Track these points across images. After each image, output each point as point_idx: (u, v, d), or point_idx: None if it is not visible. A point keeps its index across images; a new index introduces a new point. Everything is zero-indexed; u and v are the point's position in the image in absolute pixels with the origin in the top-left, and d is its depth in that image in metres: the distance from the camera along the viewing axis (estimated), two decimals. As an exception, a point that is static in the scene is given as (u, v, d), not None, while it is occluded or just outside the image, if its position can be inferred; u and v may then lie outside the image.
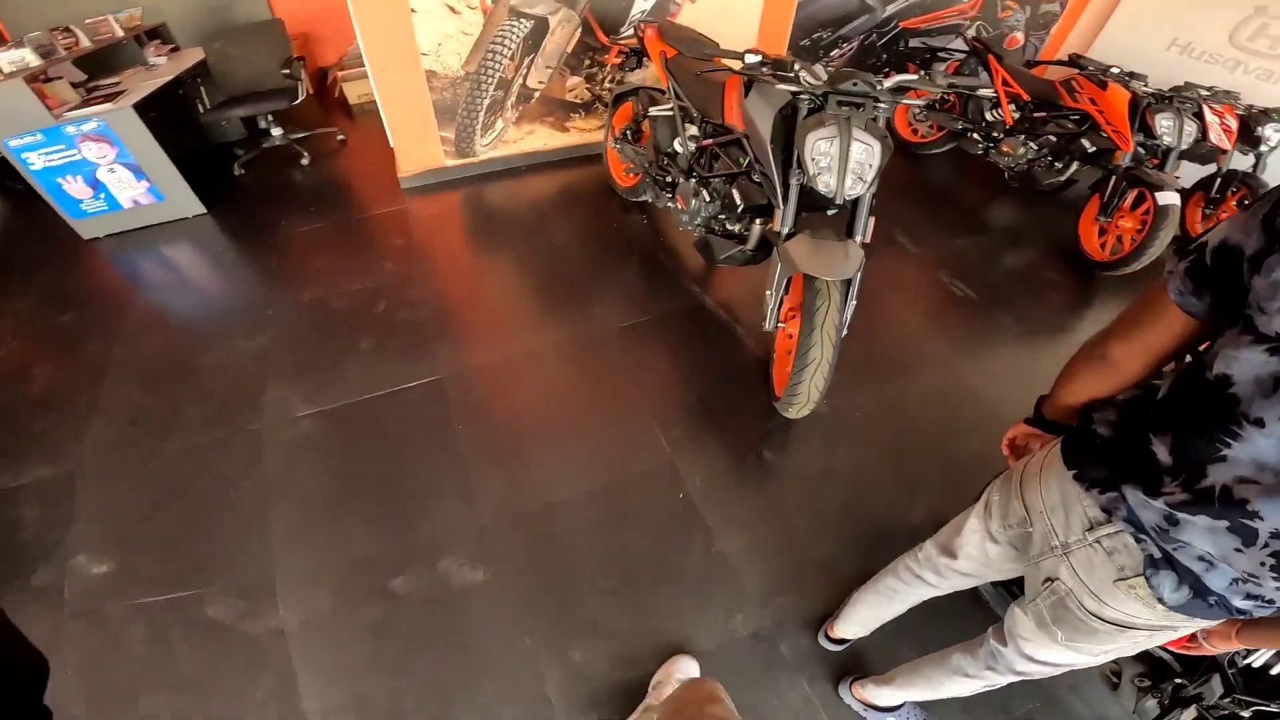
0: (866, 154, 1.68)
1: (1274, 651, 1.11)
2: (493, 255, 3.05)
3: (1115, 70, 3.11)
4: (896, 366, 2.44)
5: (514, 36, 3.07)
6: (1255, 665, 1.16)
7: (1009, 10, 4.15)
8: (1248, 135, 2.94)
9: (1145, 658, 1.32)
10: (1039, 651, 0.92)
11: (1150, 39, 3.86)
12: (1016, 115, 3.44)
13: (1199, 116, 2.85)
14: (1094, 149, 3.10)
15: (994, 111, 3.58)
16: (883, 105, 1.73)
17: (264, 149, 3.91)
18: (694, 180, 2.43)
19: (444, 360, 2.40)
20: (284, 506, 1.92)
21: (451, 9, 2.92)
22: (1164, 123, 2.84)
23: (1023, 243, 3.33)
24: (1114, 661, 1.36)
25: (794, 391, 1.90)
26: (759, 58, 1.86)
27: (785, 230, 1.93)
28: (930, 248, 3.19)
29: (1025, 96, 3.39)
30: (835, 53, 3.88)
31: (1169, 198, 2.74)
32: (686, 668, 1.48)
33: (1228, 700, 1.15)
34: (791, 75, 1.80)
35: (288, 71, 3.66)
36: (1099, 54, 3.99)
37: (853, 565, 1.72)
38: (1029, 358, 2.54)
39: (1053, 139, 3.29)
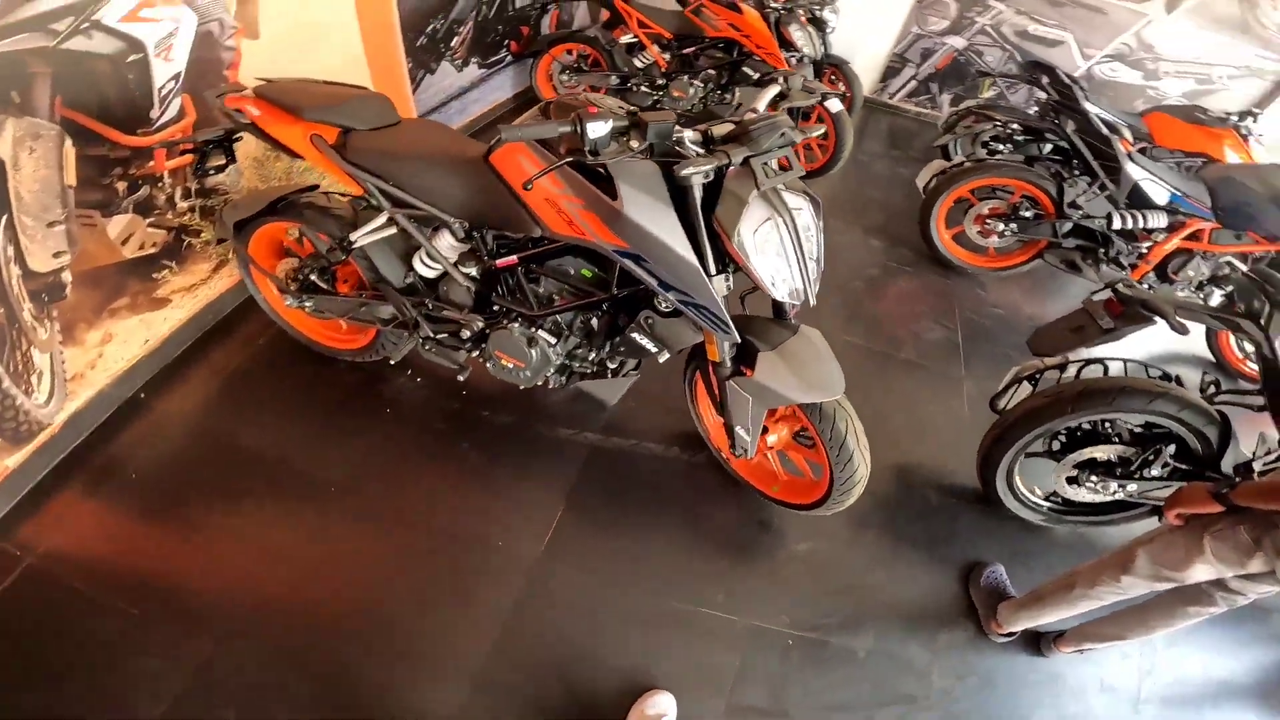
0: (811, 221, 1.27)
1: None
2: (220, 524, 1.58)
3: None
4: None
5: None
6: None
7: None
8: (819, 24, 3.49)
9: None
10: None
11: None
12: (667, 57, 3.34)
13: (814, 22, 3.22)
14: (758, 74, 3.24)
15: (641, 56, 3.40)
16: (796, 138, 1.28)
17: None
18: (517, 324, 1.60)
19: None
20: None
21: None
22: (798, 34, 3.11)
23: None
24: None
25: (847, 493, 1.57)
26: (608, 124, 1.06)
27: (728, 359, 1.43)
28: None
29: (667, 35, 3.28)
30: (455, 41, 3.02)
31: (836, 105, 3.10)
32: (661, 703, 1.40)
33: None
34: (673, 141, 1.16)
35: None
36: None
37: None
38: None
39: (712, 71, 3.32)
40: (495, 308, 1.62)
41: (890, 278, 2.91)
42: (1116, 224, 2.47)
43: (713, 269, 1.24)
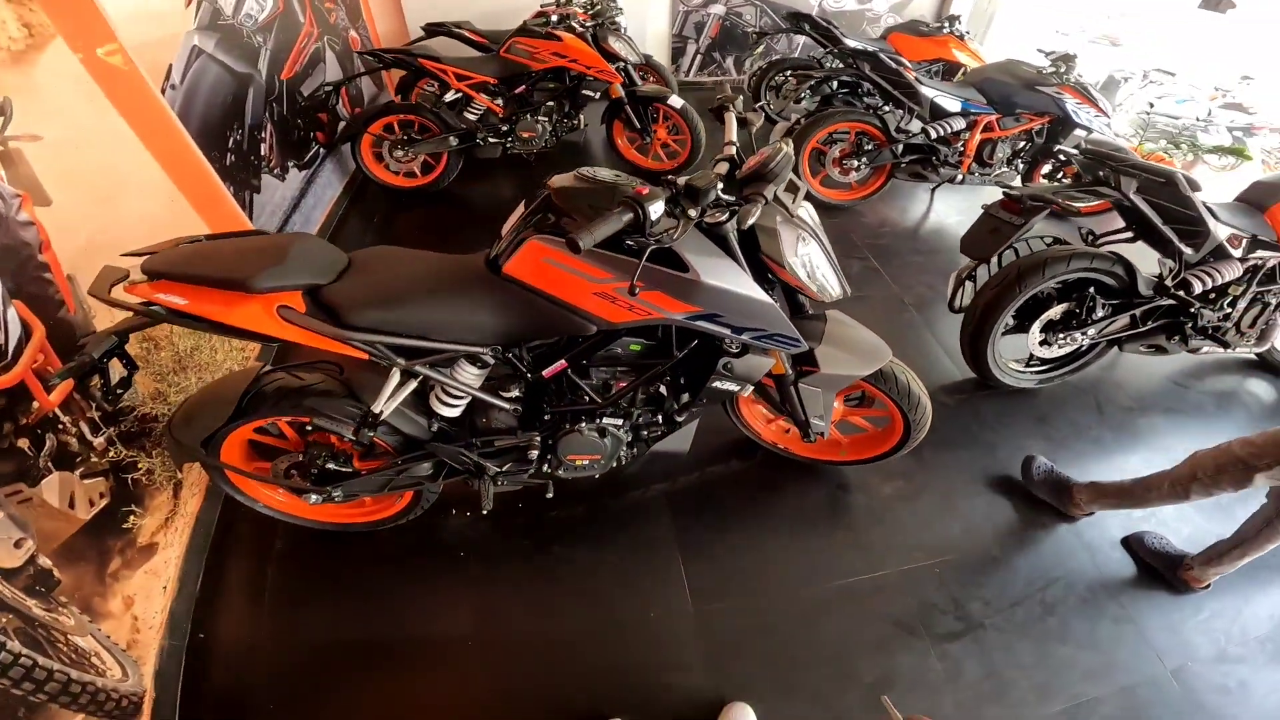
0: (817, 222, 1.45)
1: None
2: None
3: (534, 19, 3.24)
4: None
5: None
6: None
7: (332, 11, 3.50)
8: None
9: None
10: None
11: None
12: (500, 101, 3.27)
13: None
14: (598, 94, 3.31)
15: (470, 109, 3.28)
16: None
17: None
18: (583, 423, 1.55)
19: None
20: None
21: None
22: (618, 45, 3.24)
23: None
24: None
25: (922, 429, 1.74)
26: (662, 201, 1.06)
27: (791, 368, 1.56)
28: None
29: (492, 81, 3.20)
30: (264, 149, 2.61)
31: (677, 100, 3.30)
32: (739, 715, 1.46)
33: None
34: (730, 202, 1.24)
35: None
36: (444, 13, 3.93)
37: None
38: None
39: (551, 103, 3.33)
40: (548, 416, 1.54)
41: (789, 235, 3.24)
42: (933, 135, 3.07)
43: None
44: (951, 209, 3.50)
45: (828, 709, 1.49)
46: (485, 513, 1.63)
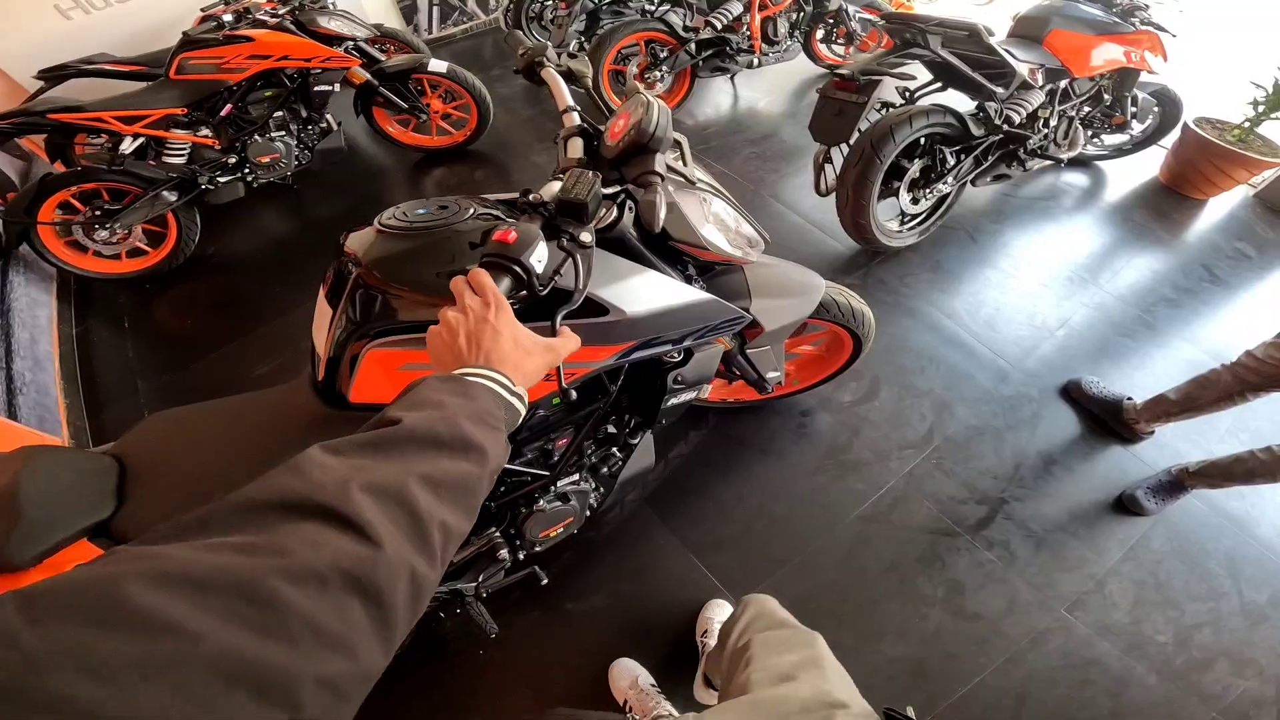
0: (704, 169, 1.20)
1: None
2: None
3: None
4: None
5: None
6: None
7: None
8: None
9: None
10: None
11: None
12: (207, 133, 2.47)
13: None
14: (333, 85, 2.64)
15: (169, 152, 2.45)
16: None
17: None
18: (539, 500, 1.24)
19: None
20: None
21: None
22: (333, 23, 2.57)
23: (414, 198, 2.95)
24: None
25: (869, 337, 1.63)
26: (540, 240, 0.70)
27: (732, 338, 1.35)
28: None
29: (180, 111, 2.38)
30: None
31: (438, 64, 2.75)
32: (719, 612, 1.47)
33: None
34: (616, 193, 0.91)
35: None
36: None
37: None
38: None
39: (279, 114, 2.61)
40: (495, 510, 1.23)
41: (621, 173, 2.95)
42: (717, 25, 2.91)
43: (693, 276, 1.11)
44: (758, 93, 3.43)
45: (917, 637, 1.44)
46: (493, 636, 1.32)
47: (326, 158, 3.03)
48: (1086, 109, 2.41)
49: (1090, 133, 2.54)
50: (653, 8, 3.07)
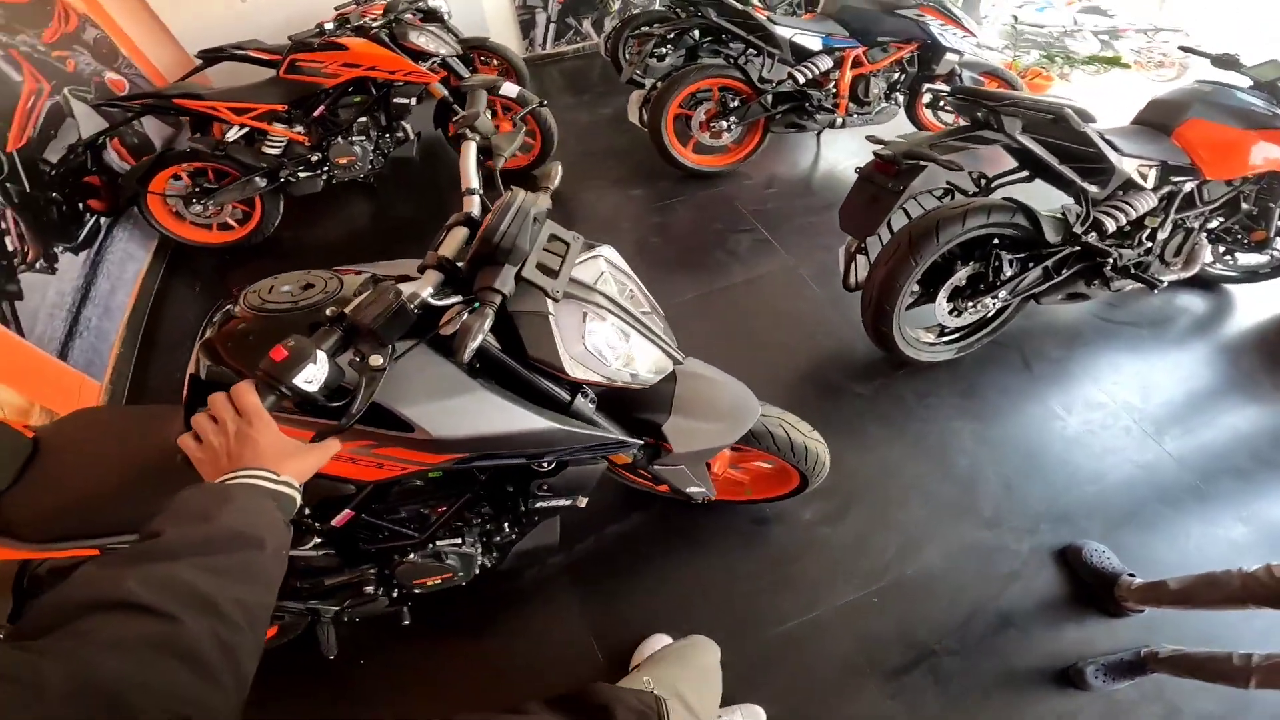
0: (621, 276, 1.04)
1: None
2: None
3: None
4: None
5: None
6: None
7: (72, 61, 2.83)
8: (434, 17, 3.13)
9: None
10: None
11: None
12: (300, 130, 2.72)
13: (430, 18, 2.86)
14: (411, 99, 2.80)
15: (268, 143, 2.72)
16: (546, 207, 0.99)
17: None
18: (411, 555, 1.21)
19: None
20: None
21: None
22: (421, 39, 2.72)
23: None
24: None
25: (819, 475, 1.49)
26: (318, 360, 0.68)
27: (637, 453, 1.20)
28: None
29: (280, 108, 2.64)
30: (11, 246, 2.06)
31: (510, 87, 2.81)
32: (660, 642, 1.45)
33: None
34: (414, 308, 0.77)
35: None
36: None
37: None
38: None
39: (363, 119, 2.81)
40: (374, 550, 1.20)
41: (671, 217, 2.85)
42: (800, 79, 2.69)
43: (565, 395, 0.98)
44: (842, 152, 3.17)
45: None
46: (331, 658, 1.33)
47: (397, 166, 3.24)
48: (1218, 220, 1.93)
49: (1221, 249, 2.05)
50: (741, 53, 2.92)
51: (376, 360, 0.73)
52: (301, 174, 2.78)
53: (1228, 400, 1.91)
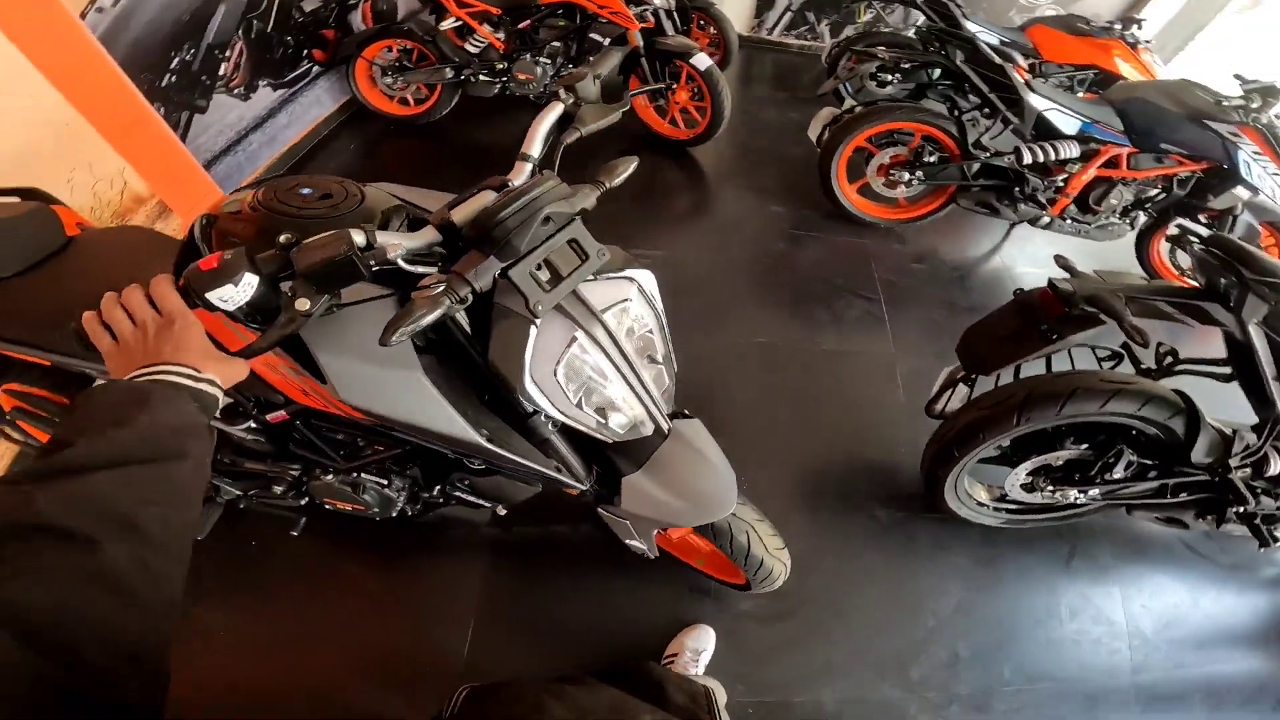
0: (644, 311, 0.90)
1: None
2: None
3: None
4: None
5: None
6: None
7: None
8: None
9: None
10: None
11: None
12: (501, 36, 2.82)
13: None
14: (607, 38, 2.77)
15: (473, 40, 2.86)
16: (593, 204, 0.85)
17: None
18: (329, 475, 1.20)
19: None
20: None
21: None
22: (638, -15, 2.64)
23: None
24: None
25: (766, 588, 1.31)
26: (244, 282, 0.61)
27: (588, 492, 1.08)
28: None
29: (495, 10, 2.76)
30: (225, 69, 2.38)
31: (703, 60, 2.68)
32: (701, 638, 1.43)
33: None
34: (367, 264, 0.66)
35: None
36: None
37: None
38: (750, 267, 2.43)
39: (557, 44, 2.84)
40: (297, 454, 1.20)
41: (798, 249, 2.58)
42: (1027, 159, 2.22)
43: (527, 407, 0.87)
44: (1028, 258, 2.65)
45: None
46: (200, 539, 1.34)
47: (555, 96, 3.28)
48: None
49: None
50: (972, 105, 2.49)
51: (303, 304, 0.65)
52: (483, 77, 2.91)
53: (1236, 679, 1.54)
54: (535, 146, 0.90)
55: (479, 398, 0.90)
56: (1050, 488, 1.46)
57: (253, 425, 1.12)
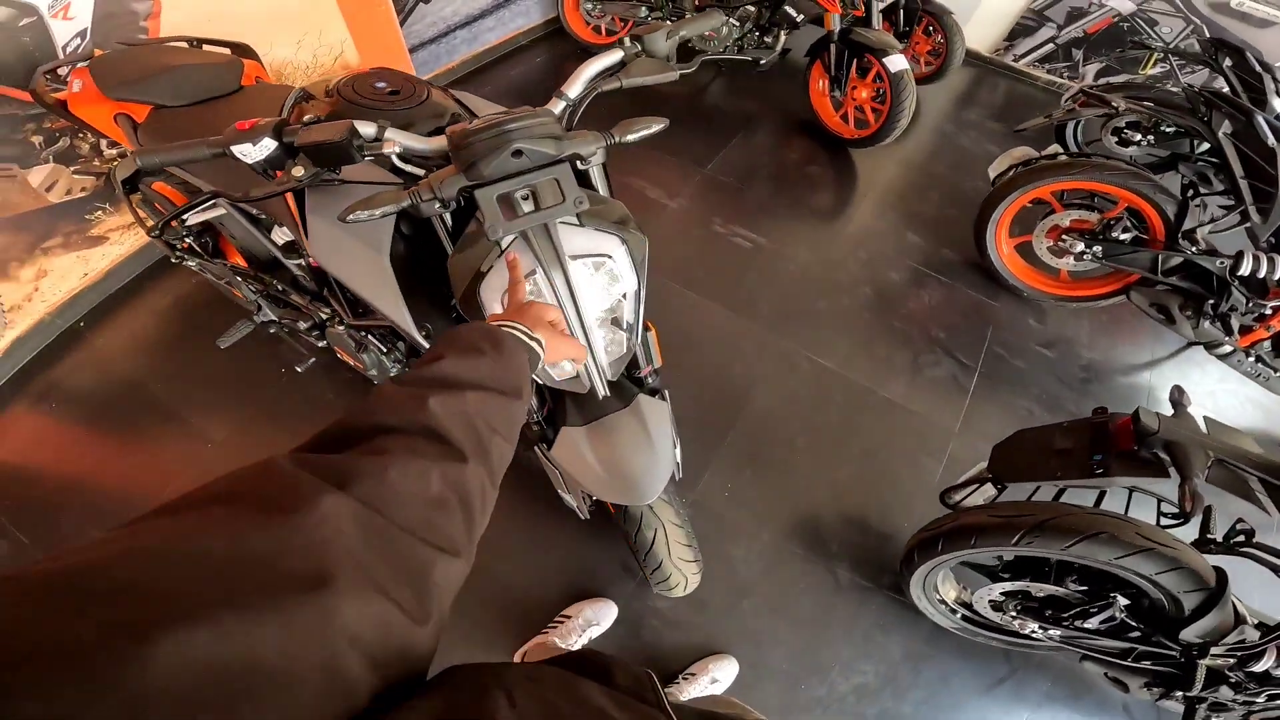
0: (621, 267, 0.87)
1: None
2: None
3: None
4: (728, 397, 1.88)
5: None
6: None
7: None
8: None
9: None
10: None
11: None
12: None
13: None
14: (801, 16, 2.62)
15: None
16: (594, 153, 0.84)
17: None
18: (342, 325, 1.35)
19: None
20: None
21: None
22: (856, -32, 2.44)
23: (769, 146, 2.87)
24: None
25: (661, 592, 1.29)
26: (265, 142, 0.76)
27: (535, 427, 1.12)
28: (687, 196, 2.55)
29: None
30: None
31: (898, 63, 2.43)
32: (602, 612, 1.41)
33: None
34: (361, 149, 0.77)
35: None
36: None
37: None
38: (849, 300, 2.21)
39: (751, 9, 2.75)
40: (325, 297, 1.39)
41: (915, 286, 2.30)
42: (1246, 268, 1.73)
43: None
44: (1193, 387, 2.08)
45: None
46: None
47: (736, 69, 3.22)
48: None
49: None
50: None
51: (298, 171, 0.78)
52: (667, 23, 2.92)
53: None
54: (575, 88, 0.91)
55: (446, 304, 0.97)
56: (1014, 615, 1.25)
57: (304, 264, 1.30)
